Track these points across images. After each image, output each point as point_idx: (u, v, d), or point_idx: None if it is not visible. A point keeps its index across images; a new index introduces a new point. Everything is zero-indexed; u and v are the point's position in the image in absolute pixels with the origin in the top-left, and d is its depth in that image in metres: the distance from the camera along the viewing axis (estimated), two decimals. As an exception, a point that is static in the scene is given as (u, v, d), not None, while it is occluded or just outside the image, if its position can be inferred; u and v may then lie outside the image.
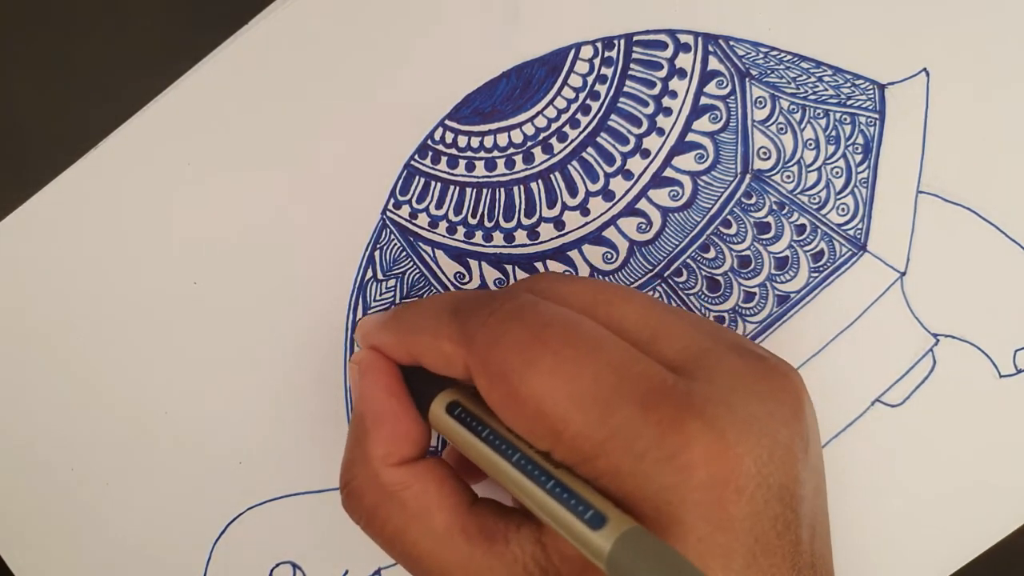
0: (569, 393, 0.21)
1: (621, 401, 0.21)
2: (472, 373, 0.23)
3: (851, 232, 0.31)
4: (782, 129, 0.30)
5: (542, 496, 0.21)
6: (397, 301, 0.31)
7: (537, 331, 0.22)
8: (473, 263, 0.31)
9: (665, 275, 0.31)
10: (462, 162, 0.30)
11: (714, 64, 0.30)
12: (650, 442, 0.20)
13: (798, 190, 0.31)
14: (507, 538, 0.23)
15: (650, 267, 0.31)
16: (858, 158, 0.31)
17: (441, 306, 0.25)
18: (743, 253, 0.31)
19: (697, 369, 0.22)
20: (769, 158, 0.30)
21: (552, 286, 0.25)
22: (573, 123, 0.30)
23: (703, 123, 0.30)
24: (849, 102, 0.31)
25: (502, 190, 0.30)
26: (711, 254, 0.31)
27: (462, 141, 0.30)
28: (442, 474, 0.25)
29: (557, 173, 0.30)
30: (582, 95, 0.30)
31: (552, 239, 0.31)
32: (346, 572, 0.31)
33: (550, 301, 0.24)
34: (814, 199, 0.31)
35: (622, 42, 0.30)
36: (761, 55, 0.30)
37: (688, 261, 0.31)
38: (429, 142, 0.30)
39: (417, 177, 0.30)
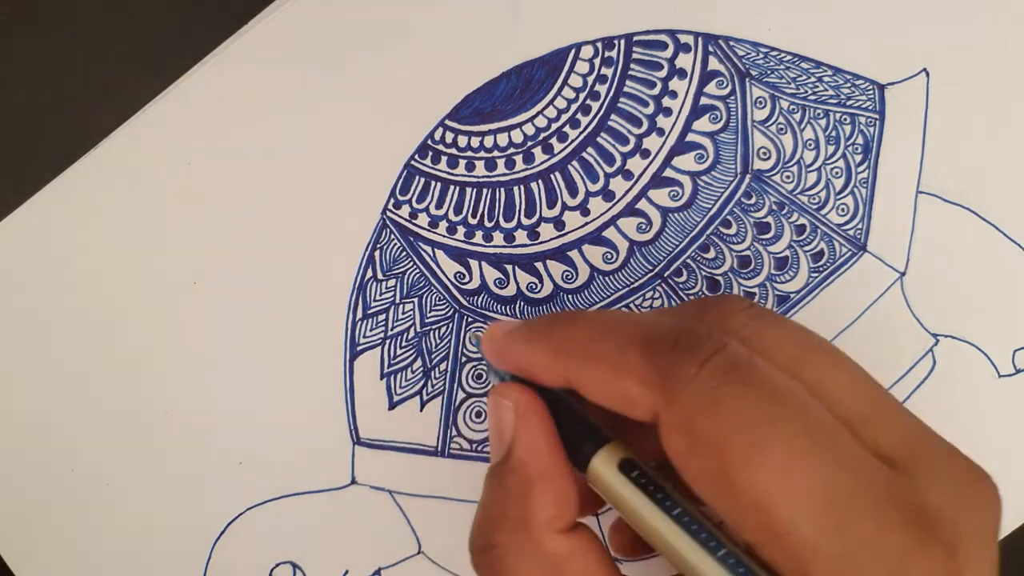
0: (804, 494, 0.18)
1: (860, 513, 0.18)
2: (664, 428, 0.20)
3: (851, 232, 0.31)
4: (782, 129, 0.30)
5: None
6: (397, 301, 0.31)
7: (766, 407, 0.19)
8: (473, 263, 0.31)
9: (665, 275, 0.31)
10: (462, 162, 0.30)
11: (714, 64, 0.30)
12: (891, 566, 0.18)
13: (798, 190, 0.31)
14: None
15: (650, 267, 0.31)
16: (858, 158, 0.31)
17: (626, 334, 0.21)
18: (743, 253, 0.31)
19: (918, 469, 0.20)
20: (769, 158, 0.30)
21: (757, 326, 0.21)
22: (573, 123, 0.30)
23: (703, 123, 0.30)
24: (849, 102, 0.31)
25: (502, 190, 0.30)
26: (711, 254, 0.31)
27: (462, 141, 0.30)
28: (602, 549, 0.22)
29: (557, 173, 0.30)
30: (582, 95, 0.30)
31: (552, 239, 0.31)
32: (346, 572, 0.31)
33: (754, 349, 0.20)
34: (814, 199, 0.31)
35: (622, 42, 0.30)
36: (761, 55, 0.30)
37: (688, 261, 0.31)
38: (429, 142, 0.30)
39: (417, 177, 0.30)
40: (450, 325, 0.31)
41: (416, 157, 0.30)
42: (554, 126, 0.30)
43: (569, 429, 0.22)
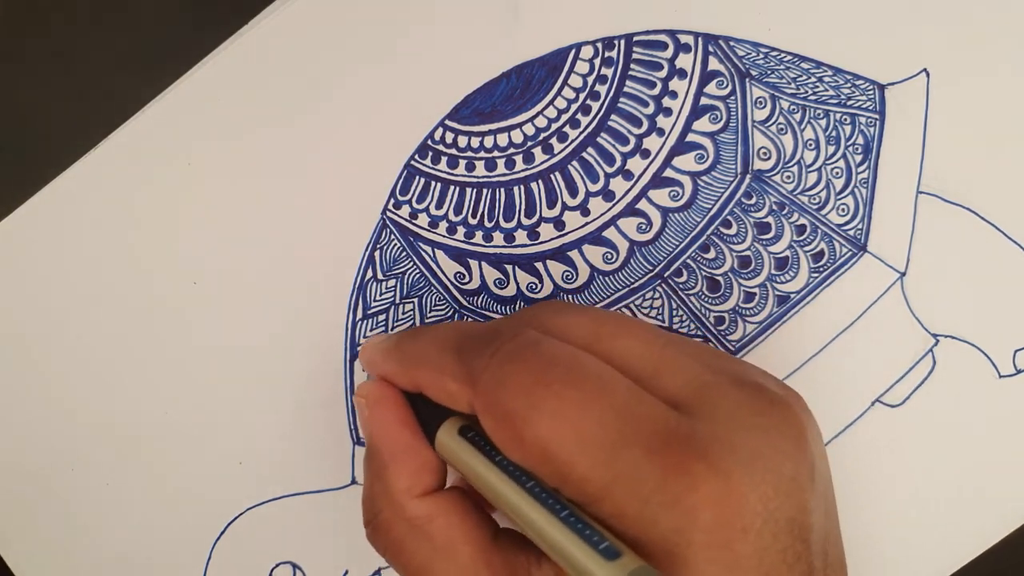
0: (574, 436, 0.21)
1: (625, 444, 0.21)
2: (477, 412, 0.23)
3: (851, 232, 0.31)
4: (782, 129, 0.30)
5: (555, 525, 0.21)
6: (397, 301, 0.31)
7: (540, 372, 0.22)
8: (473, 263, 0.31)
9: (665, 275, 0.31)
10: (462, 162, 0.30)
11: (714, 64, 0.30)
12: (655, 486, 0.20)
13: (798, 190, 0.31)
14: (529, 572, 0.23)
15: (650, 267, 0.31)
16: (858, 158, 0.31)
17: (444, 341, 0.25)
18: (743, 253, 0.31)
19: (700, 405, 0.22)
20: (769, 158, 0.30)
21: (553, 318, 0.25)
22: (573, 123, 0.30)
23: (703, 123, 0.30)
24: (849, 102, 0.31)
25: (502, 190, 0.30)
26: (711, 254, 0.31)
27: (462, 141, 0.30)
28: (466, 506, 0.25)
29: (557, 173, 0.30)
30: (582, 95, 0.30)
31: (552, 239, 0.31)
32: (346, 572, 0.31)
33: (552, 335, 0.23)
34: (814, 199, 0.31)
35: (622, 42, 0.30)
36: (761, 55, 0.30)
37: (688, 261, 0.31)
38: (429, 142, 0.30)
39: (417, 177, 0.30)
40: (450, 325, 0.31)
41: (416, 157, 0.30)
42: (554, 126, 0.30)
43: (428, 420, 0.25)
